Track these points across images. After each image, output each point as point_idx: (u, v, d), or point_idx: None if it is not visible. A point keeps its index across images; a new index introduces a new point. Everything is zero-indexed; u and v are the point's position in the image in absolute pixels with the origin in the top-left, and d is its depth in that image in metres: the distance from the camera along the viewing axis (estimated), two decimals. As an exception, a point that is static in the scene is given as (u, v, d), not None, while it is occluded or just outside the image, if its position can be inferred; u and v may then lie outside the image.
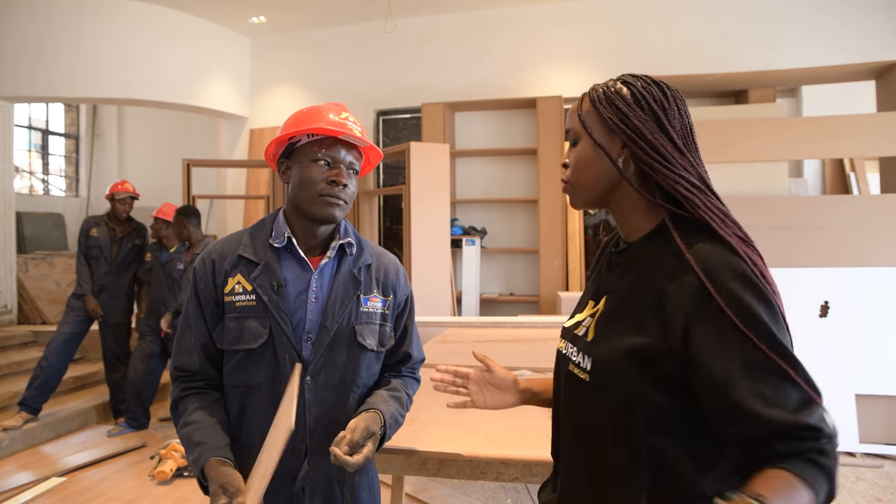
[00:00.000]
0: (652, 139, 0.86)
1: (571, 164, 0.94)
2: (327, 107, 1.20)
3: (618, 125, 0.88)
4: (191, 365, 1.19)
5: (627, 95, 0.89)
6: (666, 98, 0.89)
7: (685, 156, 0.87)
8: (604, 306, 0.92)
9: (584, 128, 0.92)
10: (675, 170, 0.86)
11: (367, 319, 1.23)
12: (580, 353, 0.92)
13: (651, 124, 0.87)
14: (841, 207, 3.66)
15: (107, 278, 4.07)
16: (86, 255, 4.08)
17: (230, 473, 1.04)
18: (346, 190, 1.18)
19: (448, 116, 5.62)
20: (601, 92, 0.91)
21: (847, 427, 3.45)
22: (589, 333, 0.91)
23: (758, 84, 4.71)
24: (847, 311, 3.54)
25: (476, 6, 5.71)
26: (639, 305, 0.85)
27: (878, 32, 4.81)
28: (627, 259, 0.92)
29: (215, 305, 1.20)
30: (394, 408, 1.22)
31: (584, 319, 0.96)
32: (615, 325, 0.87)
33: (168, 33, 5.70)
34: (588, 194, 0.94)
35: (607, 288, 0.94)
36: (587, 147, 0.92)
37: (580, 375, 0.90)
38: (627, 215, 0.93)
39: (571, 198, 0.96)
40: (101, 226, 4.12)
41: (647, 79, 0.91)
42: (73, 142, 7.92)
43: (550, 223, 5.33)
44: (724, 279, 0.77)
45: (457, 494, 2.98)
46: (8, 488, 3.07)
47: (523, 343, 2.91)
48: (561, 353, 0.99)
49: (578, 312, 1.00)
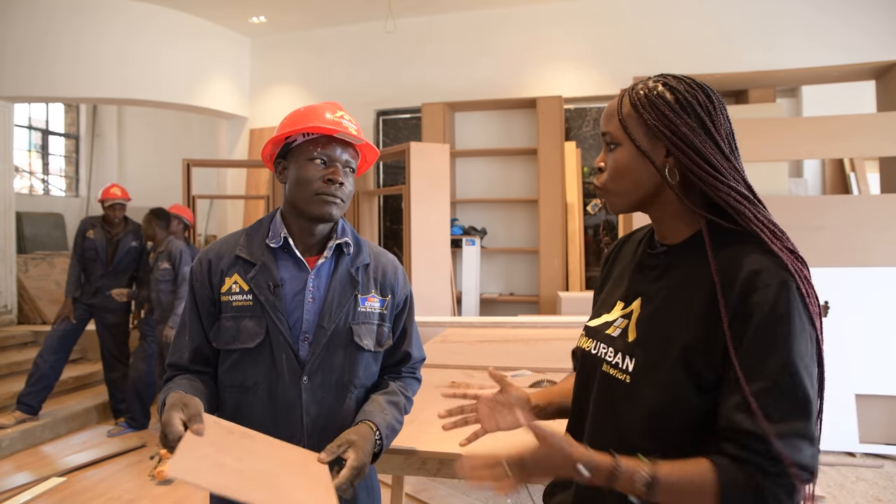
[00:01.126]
0: (702, 148, 0.84)
1: (609, 169, 0.90)
2: (323, 106, 1.20)
3: (663, 132, 0.84)
4: (182, 363, 1.20)
5: (672, 100, 0.85)
6: (711, 103, 0.86)
7: (732, 163, 0.86)
8: (641, 308, 0.90)
9: (626, 132, 0.87)
10: (725, 181, 0.84)
11: (365, 319, 1.23)
12: (618, 353, 0.89)
13: (700, 132, 0.84)
14: (841, 207, 3.66)
15: (103, 280, 4.05)
16: (82, 257, 4.07)
17: (193, 398, 0.98)
18: (343, 188, 1.18)
19: (448, 116, 5.62)
20: (643, 94, 0.87)
21: (847, 427, 3.45)
22: (629, 334, 0.89)
23: (758, 84, 4.71)
24: (847, 311, 3.54)
25: (476, 6, 5.71)
26: (685, 310, 0.83)
27: (878, 32, 4.81)
28: (665, 262, 0.90)
29: (212, 305, 1.20)
30: (390, 416, 1.20)
31: (614, 320, 0.93)
32: (661, 328, 0.85)
33: (168, 33, 5.70)
34: (628, 200, 0.90)
35: (642, 290, 0.92)
36: (628, 153, 0.88)
37: (619, 377, 0.88)
38: (667, 221, 0.91)
39: (609, 203, 0.93)
40: (97, 227, 4.10)
41: (690, 81, 0.88)
42: (73, 142, 7.91)
43: (550, 223, 5.33)
44: (771, 292, 0.77)
45: (457, 494, 2.98)
46: (8, 488, 3.07)
47: (523, 343, 2.91)
48: (590, 353, 0.95)
49: (606, 312, 0.97)
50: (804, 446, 0.74)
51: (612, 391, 0.89)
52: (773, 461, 0.73)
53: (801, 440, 0.74)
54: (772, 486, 0.73)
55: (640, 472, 0.76)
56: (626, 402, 0.86)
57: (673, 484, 0.76)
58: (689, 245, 0.88)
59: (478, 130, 5.86)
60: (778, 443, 0.73)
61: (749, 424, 0.74)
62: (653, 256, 0.93)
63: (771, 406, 0.74)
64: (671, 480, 0.76)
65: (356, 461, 1.04)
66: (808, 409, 0.75)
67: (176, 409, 0.95)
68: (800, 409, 0.75)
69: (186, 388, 1.12)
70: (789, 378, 0.75)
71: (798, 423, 0.74)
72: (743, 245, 0.82)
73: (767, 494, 0.73)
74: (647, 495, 0.76)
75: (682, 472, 0.76)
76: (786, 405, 0.74)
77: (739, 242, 0.83)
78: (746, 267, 0.79)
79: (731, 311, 0.78)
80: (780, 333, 0.76)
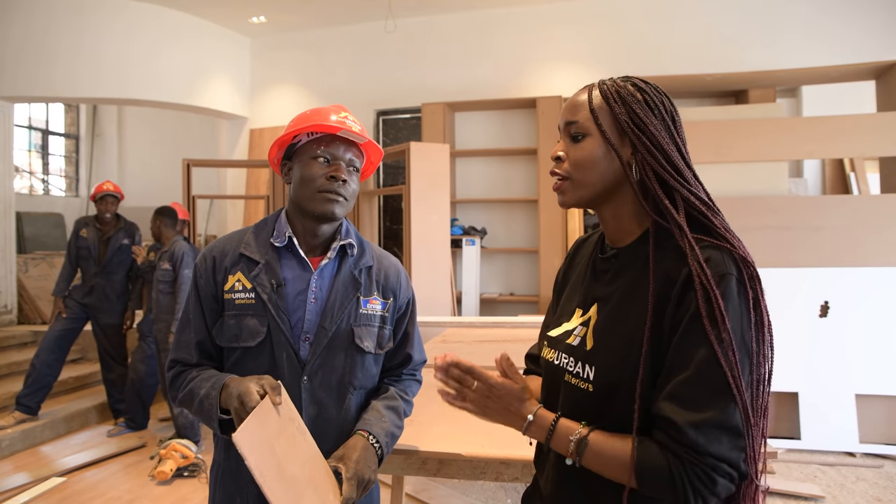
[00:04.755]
0: (667, 149, 0.85)
1: (573, 159, 0.89)
2: (328, 108, 1.22)
3: (632, 129, 0.85)
4: (189, 360, 1.20)
5: (641, 100, 0.86)
6: (674, 108, 0.88)
7: (690, 168, 0.87)
8: (597, 314, 0.90)
9: (597, 124, 0.87)
10: (686, 184, 0.85)
11: (366, 321, 1.23)
12: (578, 363, 0.89)
13: (664, 134, 0.85)
14: (841, 207, 3.66)
15: (97, 279, 4.05)
16: (76, 256, 4.08)
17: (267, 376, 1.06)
18: (346, 186, 1.18)
19: (448, 116, 5.62)
20: (614, 90, 0.87)
21: (847, 427, 3.45)
22: (587, 342, 0.89)
23: (758, 84, 4.71)
24: (847, 311, 3.54)
25: (476, 6, 5.71)
26: (637, 312, 0.83)
27: (878, 32, 4.81)
28: (617, 265, 0.90)
29: (215, 302, 1.20)
30: (389, 423, 1.21)
31: (574, 328, 0.93)
32: (615, 332, 0.86)
33: (168, 33, 5.70)
34: (585, 193, 0.89)
35: (596, 295, 0.92)
36: (596, 145, 0.87)
37: (581, 386, 0.88)
38: (621, 220, 0.90)
39: (566, 194, 0.91)
40: (89, 226, 4.10)
41: (656, 86, 0.89)
42: (73, 142, 7.92)
43: (550, 223, 5.33)
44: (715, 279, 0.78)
45: (457, 494, 2.98)
46: (8, 488, 3.07)
47: (523, 343, 2.90)
48: (553, 364, 0.95)
49: (565, 321, 0.96)
50: (723, 437, 0.74)
51: (575, 400, 0.89)
52: (687, 449, 0.74)
53: (720, 431, 0.74)
54: (687, 474, 0.74)
55: (574, 434, 0.83)
56: (591, 410, 0.86)
57: (599, 452, 0.82)
58: (638, 245, 0.88)
59: (478, 130, 5.86)
60: (691, 431, 0.74)
61: (669, 412, 0.76)
62: (604, 261, 0.93)
63: (691, 395, 0.76)
64: (597, 448, 0.82)
65: (349, 472, 1.08)
66: (728, 399, 0.75)
67: (252, 380, 1.03)
68: (720, 400, 0.75)
69: (218, 374, 1.16)
70: (712, 368, 0.75)
71: (717, 413, 0.74)
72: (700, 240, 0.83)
73: (680, 481, 0.75)
74: (576, 456, 0.83)
75: (611, 443, 0.81)
76: (706, 395, 0.75)
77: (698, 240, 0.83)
78: (698, 256, 0.80)
79: (674, 305, 0.80)
80: (710, 325, 0.76)
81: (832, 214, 3.62)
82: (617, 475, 0.80)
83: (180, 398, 1.17)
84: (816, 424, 3.46)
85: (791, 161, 4.90)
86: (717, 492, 0.75)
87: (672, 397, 0.77)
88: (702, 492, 0.75)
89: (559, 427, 0.85)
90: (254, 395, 1.00)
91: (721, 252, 0.81)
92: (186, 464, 3.26)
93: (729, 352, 0.75)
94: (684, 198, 0.84)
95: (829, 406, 3.48)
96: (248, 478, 1.17)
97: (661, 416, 0.77)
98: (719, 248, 0.81)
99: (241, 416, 0.98)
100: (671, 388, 0.77)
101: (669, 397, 0.77)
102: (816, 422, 3.46)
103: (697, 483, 0.74)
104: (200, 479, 3.24)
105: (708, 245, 0.81)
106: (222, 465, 1.22)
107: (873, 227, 3.56)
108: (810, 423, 3.47)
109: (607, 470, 0.82)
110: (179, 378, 1.19)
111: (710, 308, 0.76)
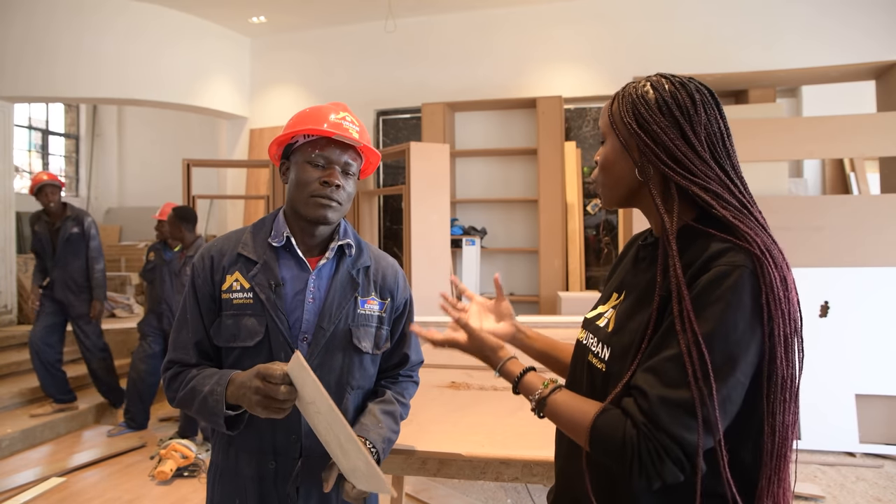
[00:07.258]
0: (671, 147, 0.85)
1: (599, 162, 0.95)
2: (328, 107, 1.20)
3: (636, 130, 0.87)
4: (188, 360, 1.19)
5: (651, 100, 0.87)
6: (694, 104, 0.87)
7: (707, 163, 0.86)
8: (624, 299, 0.93)
9: (612, 128, 0.92)
10: (694, 178, 0.85)
11: (364, 322, 1.23)
12: (599, 343, 0.92)
13: (671, 131, 0.86)
14: (841, 207, 3.66)
15: (55, 272, 4.01)
16: (33, 251, 4.09)
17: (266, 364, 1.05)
18: (340, 191, 1.17)
19: (448, 116, 5.62)
20: (628, 93, 0.90)
21: (847, 427, 3.45)
22: (610, 324, 0.92)
23: (758, 84, 4.71)
24: (847, 311, 3.54)
25: (476, 6, 5.72)
26: (650, 299, 0.85)
27: (878, 32, 4.81)
28: (651, 254, 0.93)
29: (212, 301, 1.20)
30: (385, 428, 1.21)
31: (606, 311, 0.96)
32: (633, 317, 0.88)
33: (168, 33, 5.70)
34: (613, 194, 0.94)
35: (628, 281, 0.95)
36: (612, 148, 0.92)
37: (598, 365, 0.91)
38: (650, 216, 0.94)
39: (601, 195, 0.97)
40: (40, 220, 4.07)
41: (679, 81, 0.89)
42: (73, 142, 7.92)
43: (550, 223, 5.33)
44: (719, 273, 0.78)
45: (457, 494, 2.98)
46: (8, 488, 3.07)
47: (523, 343, 2.90)
48: (581, 343, 0.99)
49: (602, 304, 1.00)
50: (686, 420, 0.74)
51: (592, 379, 0.92)
52: (648, 421, 0.75)
53: (684, 413, 0.74)
54: (638, 445, 0.75)
55: (535, 392, 0.93)
56: (603, 389, 0.88)
57: (558, 412, 0.89)
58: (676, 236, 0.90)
59: (478, 130, 5.86)
60: (658, 404, 0.75)
61: (643, 381, 0.78)
62: (644, 247, 0.96)
63: (670, 371, 0.76)
64: (556, 408, 0.89)
65: None
66: (705, 386, 0.74)
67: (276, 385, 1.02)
68: (696, 383, 0.74)
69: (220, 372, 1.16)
70: (699, 352, 0.75)
71: (688, 395, 0.74)
72: (716, 237, 0.82)
73: (630, 451, 0.75)
74: (536, 410, 0.92)
75: (575, 404, 0.87)
76: (684, 375, 0.75)
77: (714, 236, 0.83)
78: (709, 251, 0.80)
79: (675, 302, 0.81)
80: (710, 310, 0.76)
81: (832, 214, 3.62)
82: (575, 435, 0.86)
83: (179, 398, 1.16)
84: (816, 424, 3.46)
85: (791, 161, 4.90)
86: (663, 474, 0.75)
87: (651, 370, 0.78)
88: (647, 468, 0.75)
89: (523, 382, 0.97)
90: (277, 366, 1.02)
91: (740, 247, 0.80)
92: (186, 464, 3.26)
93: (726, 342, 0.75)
94: (694, 193, 0.85)
95: (829, 406, 3.48)
96: (248, 477, 1.18)
97: (635, 385, 0.79)
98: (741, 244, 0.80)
99: (263, 394, 1.01)
100: (654, 361, 0.79)
101: (649, 369, 0.79)
102: (816, 422, 3.46)
103: (646, 457, 0.74)
104: (200, 479, 3.24)
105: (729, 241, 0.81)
106: (220, 465, 1.22)
107: (873, 227, 3.56)
108: (810, 422, 3.47)
109: (566, 429, 0.88)
110: (178, 378, 1.18)
111: (714, 294, 0.77)
